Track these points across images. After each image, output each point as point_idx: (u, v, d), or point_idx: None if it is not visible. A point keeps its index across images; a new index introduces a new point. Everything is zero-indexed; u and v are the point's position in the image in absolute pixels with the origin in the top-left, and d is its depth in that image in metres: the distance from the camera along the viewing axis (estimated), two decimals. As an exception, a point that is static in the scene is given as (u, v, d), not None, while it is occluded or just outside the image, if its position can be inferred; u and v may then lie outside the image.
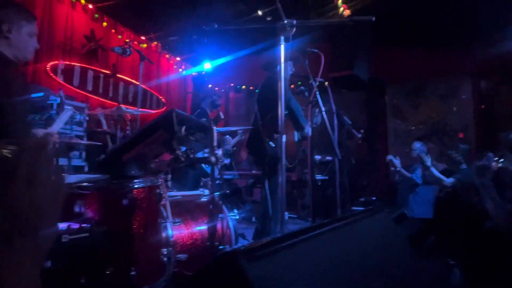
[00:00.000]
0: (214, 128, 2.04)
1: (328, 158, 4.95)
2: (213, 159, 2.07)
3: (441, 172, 4.73)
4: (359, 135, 4.61)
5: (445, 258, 2.96)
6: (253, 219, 5.41)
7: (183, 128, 1.86)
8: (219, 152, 2.12)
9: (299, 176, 5.24)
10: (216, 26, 2.24)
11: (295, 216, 5.61)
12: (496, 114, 6.36)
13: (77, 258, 1.85)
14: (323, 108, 2.93)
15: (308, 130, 3.46)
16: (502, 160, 2.36)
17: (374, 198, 5.27)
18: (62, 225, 1.82)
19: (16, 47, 1.92)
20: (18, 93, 1.74)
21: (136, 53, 3.90)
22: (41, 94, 3.87)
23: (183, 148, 2.00)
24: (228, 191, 2.77)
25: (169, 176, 2.56)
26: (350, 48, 5.24)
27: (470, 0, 4.82)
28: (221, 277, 0.90)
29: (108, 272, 1.85)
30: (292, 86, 5.95)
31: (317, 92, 2.87)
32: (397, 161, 5.01)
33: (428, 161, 4.67)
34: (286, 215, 4.51)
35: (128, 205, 2.02)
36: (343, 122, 3.96)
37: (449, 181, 4.52)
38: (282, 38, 2.19)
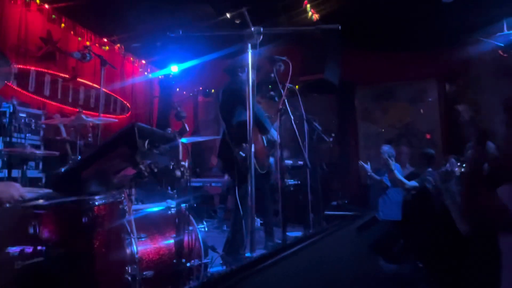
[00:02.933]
0: (179, 140, 1.95)
1: (300, 162, 4.93)
2: (178, 172, 1.97)
3: (408, 175, 4.79)
4: (330, 139, 4.61)
5: (414, 261, 2.99)
6: (225, 227, 5.31)
7: (146, 142, 1.74)
8: (186, 164, 2.02)
9: (273, 181, 5.17)
10: (181, 32, 2.13)
11: (267, 222, 5.54)
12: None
13: (32, 286, 1.69)
14: (291, 116, 2.90)
15: (275, 135, 3.42)
16: (465, 165, 2.40)
17: (346, 201, 5.30)
18: (14, 250, 1.67)
19: None
20: None
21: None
22: (-9, 101, 3.61)
23: (147, 162, 1.88)
24: (195, 204, 2.65)
25: (133, 190, 2.43)
26: (320, 52, 5.23)
27: (435, 7, 4.95)
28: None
29: (67, 298, 1.71)
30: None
31: (286, 100, 2.83)
32: (367, 166, 5.06)
33: (392, 164, 4.70)
34: (258, 221, 4.45)
35: (88, 223, 1.87)
36: (313, 127, 3.95)
37: (410, 184, 4.57)
38: (249, 45, 2.14)
